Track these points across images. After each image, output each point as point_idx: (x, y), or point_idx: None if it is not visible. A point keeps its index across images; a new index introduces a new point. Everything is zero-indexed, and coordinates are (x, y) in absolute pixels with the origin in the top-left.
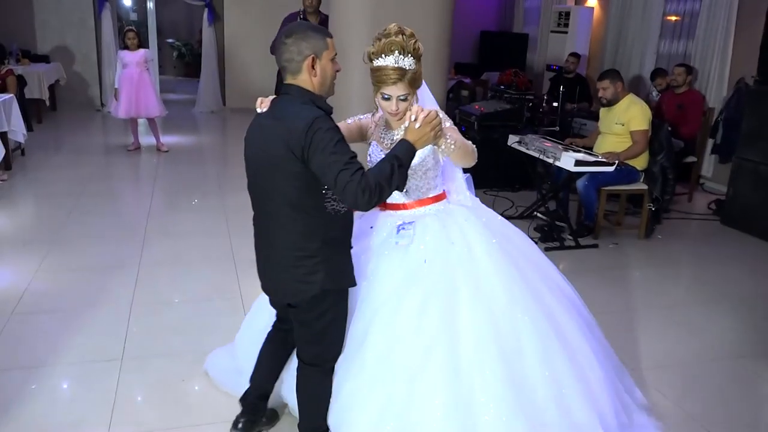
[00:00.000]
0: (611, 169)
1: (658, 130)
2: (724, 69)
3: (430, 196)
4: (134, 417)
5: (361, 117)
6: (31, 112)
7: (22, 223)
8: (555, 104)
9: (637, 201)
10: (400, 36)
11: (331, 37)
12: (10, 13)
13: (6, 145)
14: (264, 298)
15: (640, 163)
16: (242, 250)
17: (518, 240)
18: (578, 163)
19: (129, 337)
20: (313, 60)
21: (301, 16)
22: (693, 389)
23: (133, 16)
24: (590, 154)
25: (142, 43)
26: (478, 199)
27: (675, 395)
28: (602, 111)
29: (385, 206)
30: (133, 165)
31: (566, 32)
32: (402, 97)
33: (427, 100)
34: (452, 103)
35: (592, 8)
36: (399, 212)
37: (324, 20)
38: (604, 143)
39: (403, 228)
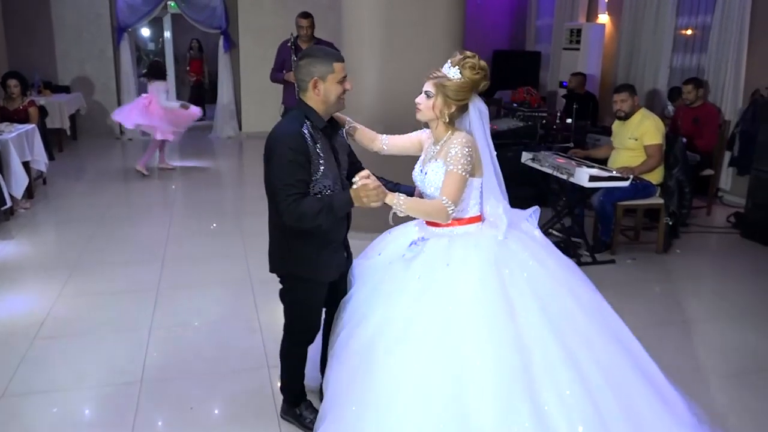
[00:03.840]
0: (626, 183)
1: (672, 143)
2: (739, 81)
3: (465, 217)
4: None
5: (422, 132)
6: (53, 141)
7: (44, 249)
8: (569, 121)
9: (654, 215)
10: (459, 56)
11: (341, 61)
12: (32, 45)
13: (29, 174)
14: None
15: (655, 177)
16: (259, 272)
17: (556, 273)
18: (593, 178)
19: (148, 360)
20: (316, 82)
21: (292, 43)
22: (716, 405)
23: (151, 46)
24: (604, 169)
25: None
26: (532, 227)
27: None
28: (615, 126)
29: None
30: (152, 191)
31: (578, 49)
32: (427, 92)
33: (474, 129)
34: None
35: (604, 25)
36: (428, 228)
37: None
38: (618, 158)
39: (415, 244)
